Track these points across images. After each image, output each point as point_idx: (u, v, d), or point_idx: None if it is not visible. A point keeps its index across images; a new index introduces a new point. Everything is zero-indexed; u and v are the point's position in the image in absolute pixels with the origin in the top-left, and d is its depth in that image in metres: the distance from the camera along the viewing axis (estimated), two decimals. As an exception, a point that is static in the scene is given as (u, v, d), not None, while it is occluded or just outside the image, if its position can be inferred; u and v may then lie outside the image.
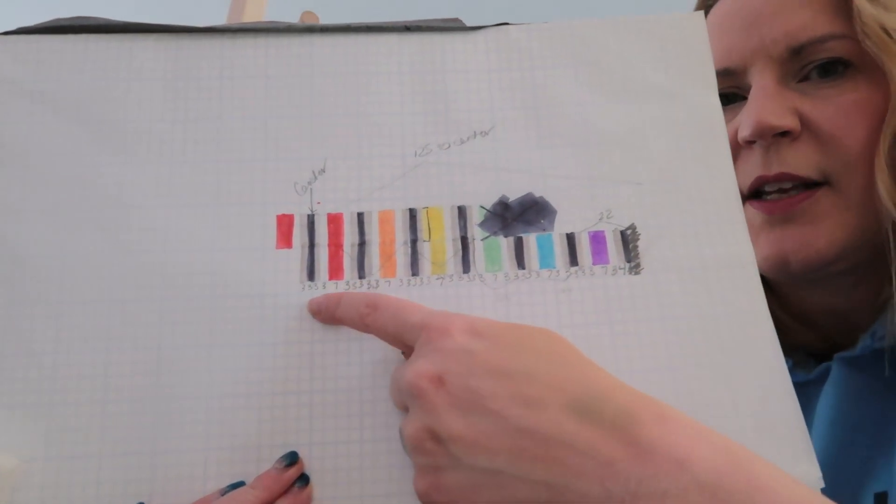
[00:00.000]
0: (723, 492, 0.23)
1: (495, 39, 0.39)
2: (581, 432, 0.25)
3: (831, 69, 0.43)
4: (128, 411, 0.32)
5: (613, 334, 0.34)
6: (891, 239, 0.41)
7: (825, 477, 0.31)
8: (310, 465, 0.32)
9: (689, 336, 0.33)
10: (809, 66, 0.44)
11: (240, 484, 0.31)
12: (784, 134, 0.43)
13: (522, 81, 0.38)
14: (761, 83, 0.44)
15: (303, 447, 0.32)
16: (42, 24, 0.38)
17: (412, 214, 0.36)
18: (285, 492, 0.31)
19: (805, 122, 0.43)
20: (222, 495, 0.31)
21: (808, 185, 0.43)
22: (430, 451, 0.27)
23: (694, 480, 0.24)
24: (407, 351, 0.32)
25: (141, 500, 0.31)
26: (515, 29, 0.39)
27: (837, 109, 0.42)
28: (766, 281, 0.47)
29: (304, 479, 0.31)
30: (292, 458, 0.32)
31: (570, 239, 0.36)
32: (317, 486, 0.32)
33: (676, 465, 0.24)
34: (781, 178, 0.43)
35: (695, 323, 0.34)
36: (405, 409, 0.30)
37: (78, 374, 0.33)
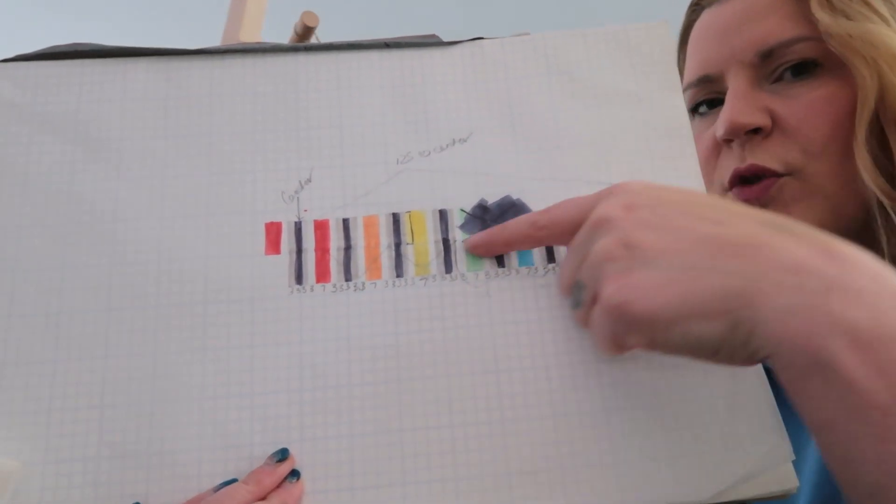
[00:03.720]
0: None
1: (471, 53, 0.41)
2: (775, 238, 0.26)
3: (802, 69, 0.46)
4: (124, 415, 0.34)
5: (591, 325, 0.35)
6: (889, 219, 0.42)
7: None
8: (301, 460, 0.33)
9: None
10: (781, 67, 0.46)
11: (233, 481, 0.32)
12: (756, 131, 0.46)
13: (497, 91, 0.40)
14: (734, 86, 0.47)
15: (294, 444, 0.33)
16: (40, 50, 0.40)
17: (395, 219, 0.38)
18: (278, 486, 0.32)
19: (775, 120, 0.46)
20: (216, 492, 0.32)
21: (777, 177, 0.45)
22: (621, 256, 0.28)
23: (888, 288, 0.24)
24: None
25: (137, 501, 0.32)
26: (489, 43, 0.42)
27: (804, 105, 0.45)
28: None
29: (295, 474, 0.32)
30: (284, 454, 0.33)
31: (547, 237, 0.37)
32: (308, 480, 0.33)
33: (872, 275, 0.25)
34: (752, 170, 0.45)
35: None
36: (581, 264, 0.30)
37: (76, 381, 0.34)
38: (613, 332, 0.28)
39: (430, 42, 0.41)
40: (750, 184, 0.46)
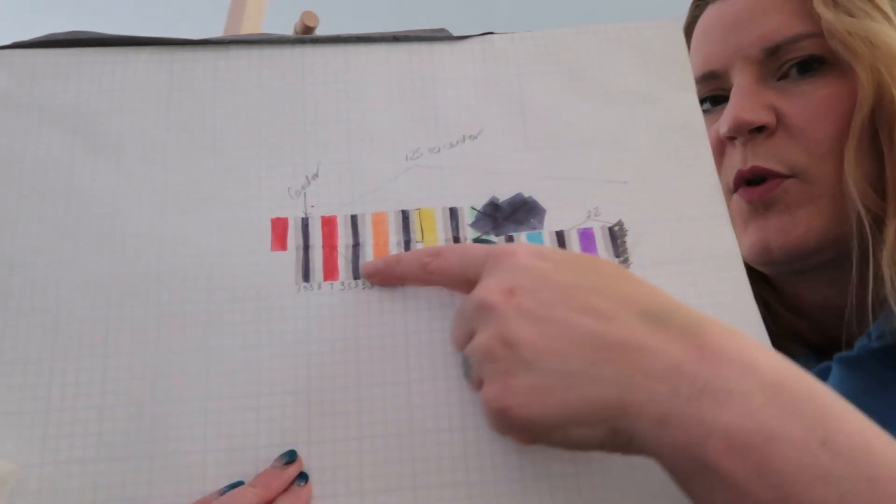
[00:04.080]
0: (785, 394, 0.24)
1: (481, 48, 0.41)
2: (652, 337, 0.26)
3: (808, 67, 0.45)
4: (125, 415, 0.32)
5: (605, 327, 0.34)
6: (862, 228, 0.42)
7: None
8: (309, 463, 0.32)
9: None
10: (787, 64, 0.46)
11: (238, 483, 0.31)
12: (761, 129, 0.45)
13: (508, 87, 0.40)
14: (740, 83, 0.46)
15: (301, 446, 0.32)
16: (37, 38, 0.39)
17: (405, 216, 0.37)
18: (285, 490, 0.31)
19: (780, 118, 0.45)
20: (222, 495, 0.31)
21: (781, 178, 0.45)
22: (501, 356, 0.27)
23: (758, 383, 0.24)
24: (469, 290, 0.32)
25: (138, 504, 0.31)
26: (500, 38, 0.41)
27: (809, 104, 0.44)
28: (764, 275, 0.49)
29: (303, 477, 0.32)
30: (291, 457, 0.32)
31: (560, 237, 0.37)
32: (316, 483, 0.32)
33: (743, 369, 0.25)
34: (755, 172, 0.45)
35: None
36: (468, 339, 0.30)
37: (75, 380, 0.33)
38: (496, 427, 0.29)
39: (439, 36, 0.41)
40: (753, 185, 0.46)
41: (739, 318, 0.34)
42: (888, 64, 0.42)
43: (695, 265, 0.36)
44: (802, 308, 0.49)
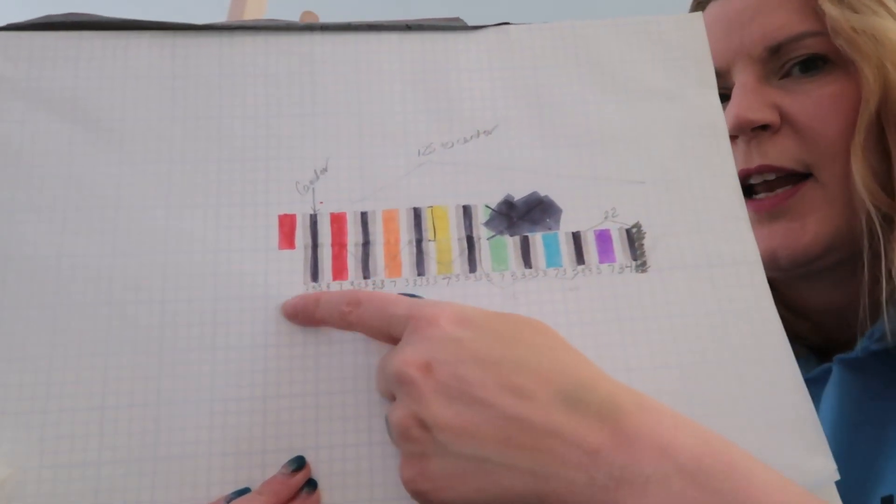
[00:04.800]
0: (702, 475, 0.24)
1: (497, 39, 0.39)
2: (568, 422, 0.26)
3: (811, 65, 0.45)
4: (127, 417, 0.31)
5: (622, 332, 0.34)
6: (870, 229, 0.41)
7: None
8: (317, 469, 0.31)
9: (698, 333, 0.33)
10: (790, 63, 0.45)
11: (245, 490, 0.30)
12: (764, 128, 0.45)
13: (524, 81, 0.38)
14: (742, 81, 0.46)
15: (309, 451, 0.31)
16: (32, 20, 0.37)
17: (417, 214, 0.36)
18: (293, 497, 0.30)
19: (784, 116, 0.45)
20: (228, 503, 0.30)
21: (791, 178, 0.44)
22: (416, 438, 0.27)
23: (675, 465, 0.24)
24: (393, 344, 0.32)
25: (141, 510, 0.30)
26: (516, 29, 0.39)
27: (814, 102, 0.44)
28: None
29: (311, 485, 0.31)
30: (299, 463, 0.31)
31: (576, 238, 0.36)
32: (324, 490, 0.31)
33: (659, 452, 0.24)
34: (763, 169, 0.44)
35: (702, 320, 0.34)
36: (392, 397, 0.30)
37: (75, 379, 0.32)
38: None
39: (454, 26, 0.39)
40: (758, 193, 0.45)
41: (760, 326, 0.34)
42: (894, 60, 0.41)
43: (714, 270, 0.35)
44: (804, 309, 0.49)
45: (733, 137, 0.45)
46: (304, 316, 0.33)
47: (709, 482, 0.24)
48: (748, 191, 0.46)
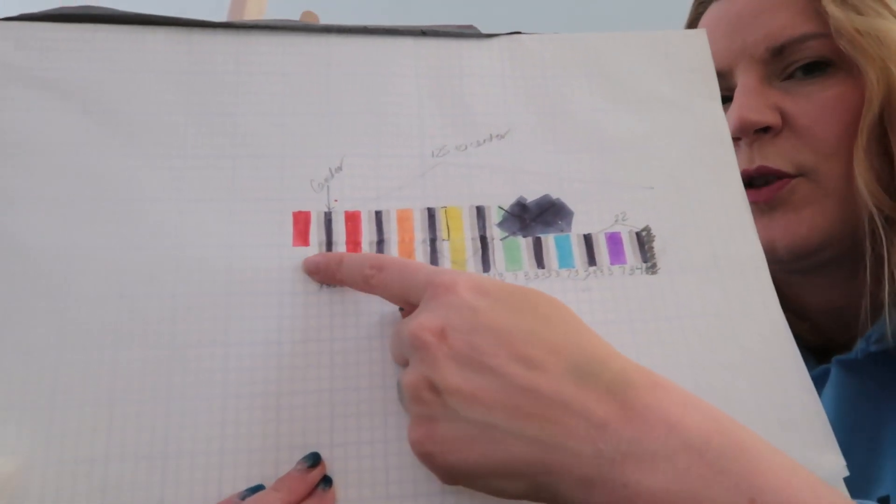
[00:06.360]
0: (711, 453, 0.24)
1: (509, 47, 0.40)
2: (578, 394, 0.26)
3: (814, 67, 0.45)
4: (136, 412, 0.31)
5: (634, 332, 0.34)
6: (872, 231, 0.42)
7: None
8: (332, 466, 0.31)
9: (707, 333, 0.34)
10: (793, 65, 0.46)
11: (259, 488, 0.30)
12: (766, 130, 0.45)
13: (536, 88, 0.39)
14: (744, 82, 0.46)
15: (324, 448, 0.31)
16: (47, 11, 0.36)
17: (431, 213, 0.36)
18: (309, 495, 0.30)
19: (786, 118, 0.45)
20: (242, 500, 0.29)
21: (788, 178, 0.45)
22: (427, 400, 0.27)
23: (683, 442, 0.24)
24: (409, 310, 0.32)
25: (150, 507, 0.29)
26: (528, 38, 0.40)
27: (815, 105, 0.44)
28: None
29: (327, 481, 0.30)
30: (315, 459, 0.30)
31: (588, 240, 0.36)
32: (340, 487, 0.30)
33: (667, 429, 0.24)
34: (762, 171, 0.45)
35: (711, 320, 0.34)
36: (404, 363, 0.30)
37: (83, 373, 0.31)
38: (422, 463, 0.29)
39: (467, 33, 0.40)
40: (758, 187, 0.45)
41: (767, 327, 0.34)
42: None
43: (723, 272, 0.36)
44: (803, 309, 0.50)
45: (735, 139, 0.45)
46: (325, 274, 0.33)
47: (717, 461, 0.24)
48: (747, 184, 0.46)
